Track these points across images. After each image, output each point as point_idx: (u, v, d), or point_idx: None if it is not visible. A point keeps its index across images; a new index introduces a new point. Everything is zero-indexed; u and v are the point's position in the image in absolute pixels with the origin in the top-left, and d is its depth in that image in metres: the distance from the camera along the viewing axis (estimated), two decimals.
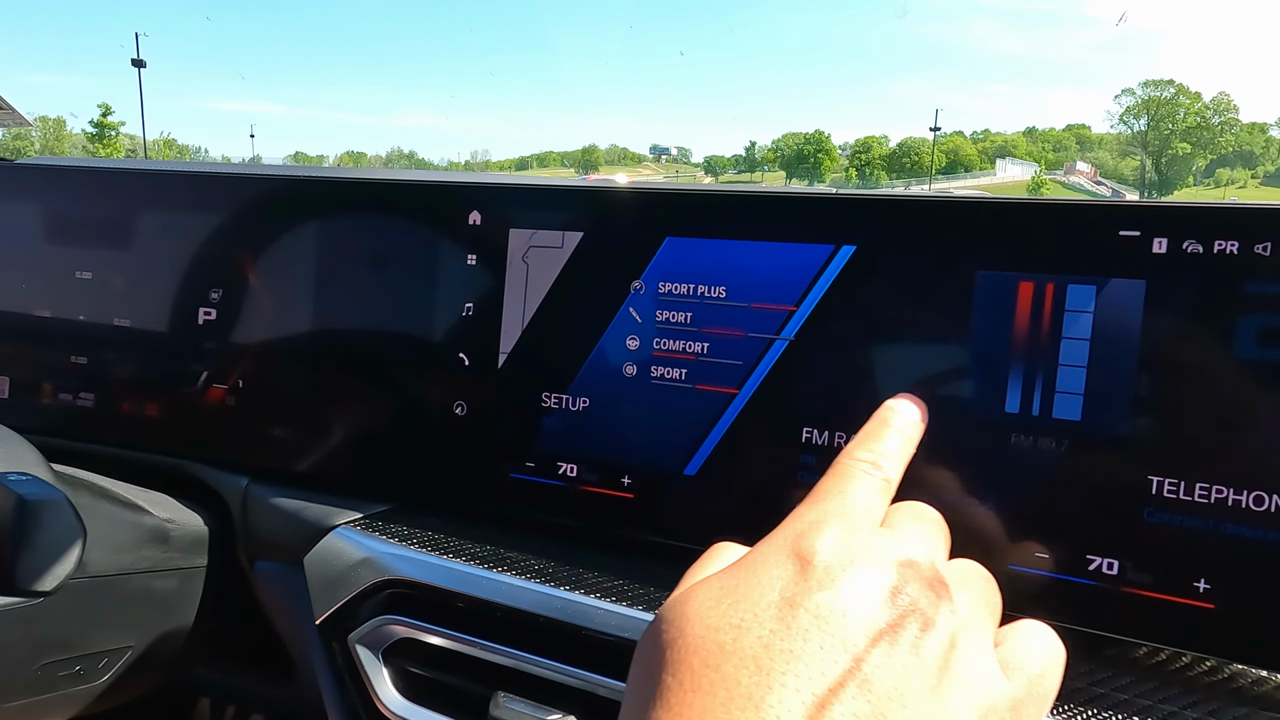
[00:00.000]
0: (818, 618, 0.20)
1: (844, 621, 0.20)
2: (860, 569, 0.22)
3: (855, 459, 0.27)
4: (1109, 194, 42.17)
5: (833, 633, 0.20)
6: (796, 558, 0.22)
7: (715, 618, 0.21)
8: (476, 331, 0.40)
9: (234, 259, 0.45)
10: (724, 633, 0.21)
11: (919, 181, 47.49)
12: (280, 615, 0.44)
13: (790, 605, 0.21)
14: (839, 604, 0.21)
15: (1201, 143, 45.71)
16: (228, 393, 0.45)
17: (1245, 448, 0.27)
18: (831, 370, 0.33)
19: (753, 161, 58.78)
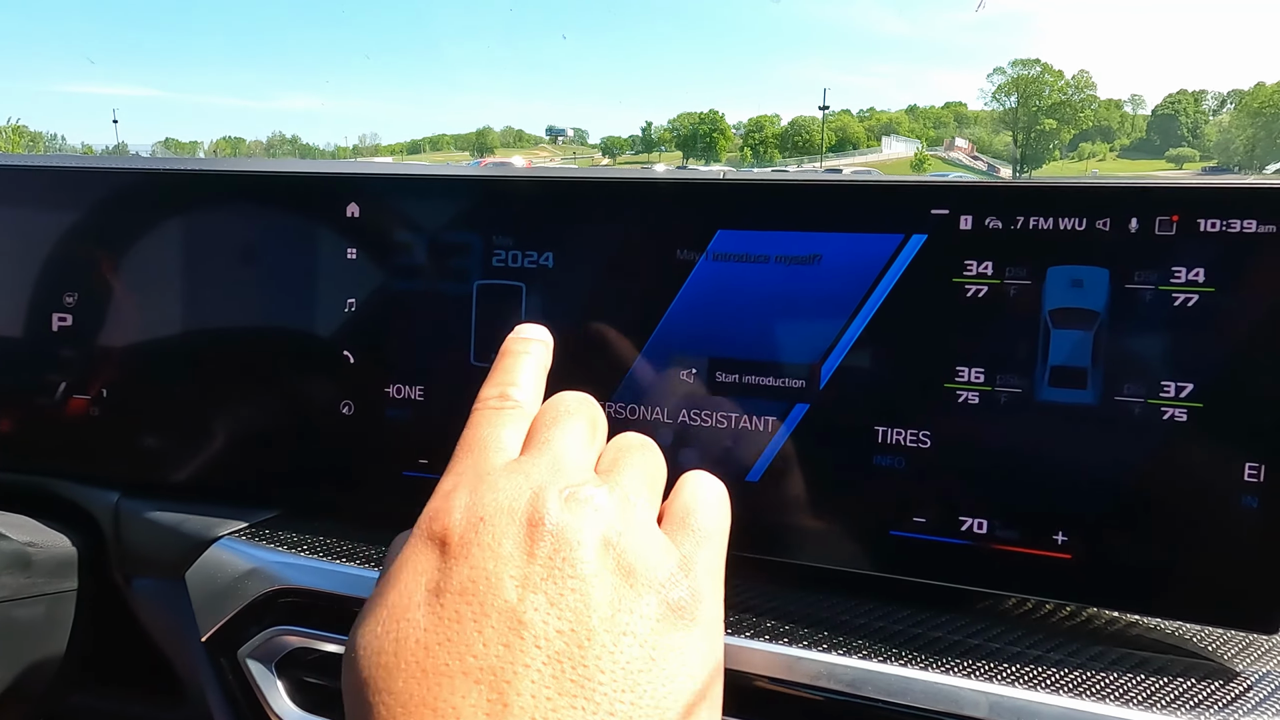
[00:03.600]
0: (463, 595, 0.20)
1: (489, 584, 0.20)
2: (492, 523, 0.21)
3: (481, 400, 0.26)
4: (985, 169, 44.56)
5: (482, 601, 0.20)
6: (434, 542, 0.22)
7: (375, 640, 0.21)
8: (361, 328, 0.38)
9: (90, 259, 0.42)
10: (385, 654, 0.20)
11: (811, 159, 48.85)
12: (163, 635, 0.42)
13: (436, 594, 0.20)
14: (479, 570, 0.20)
15: (1065, 118, 48.82)
16: (90, 403, 0.42)
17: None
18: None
19: (649, 142, 58.98)
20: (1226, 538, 0.28)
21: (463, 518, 0.22)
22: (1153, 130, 52.77)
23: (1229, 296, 0.28)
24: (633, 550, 0.22)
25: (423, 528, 0.22)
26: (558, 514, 0.21)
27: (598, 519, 0.22)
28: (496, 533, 0.21)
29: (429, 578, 0.21)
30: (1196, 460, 0.29)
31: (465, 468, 0.24)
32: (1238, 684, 0.28)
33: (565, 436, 0.25)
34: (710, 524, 0.24)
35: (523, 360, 0.28)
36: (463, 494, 0.22)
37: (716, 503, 0.25)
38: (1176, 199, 0.29)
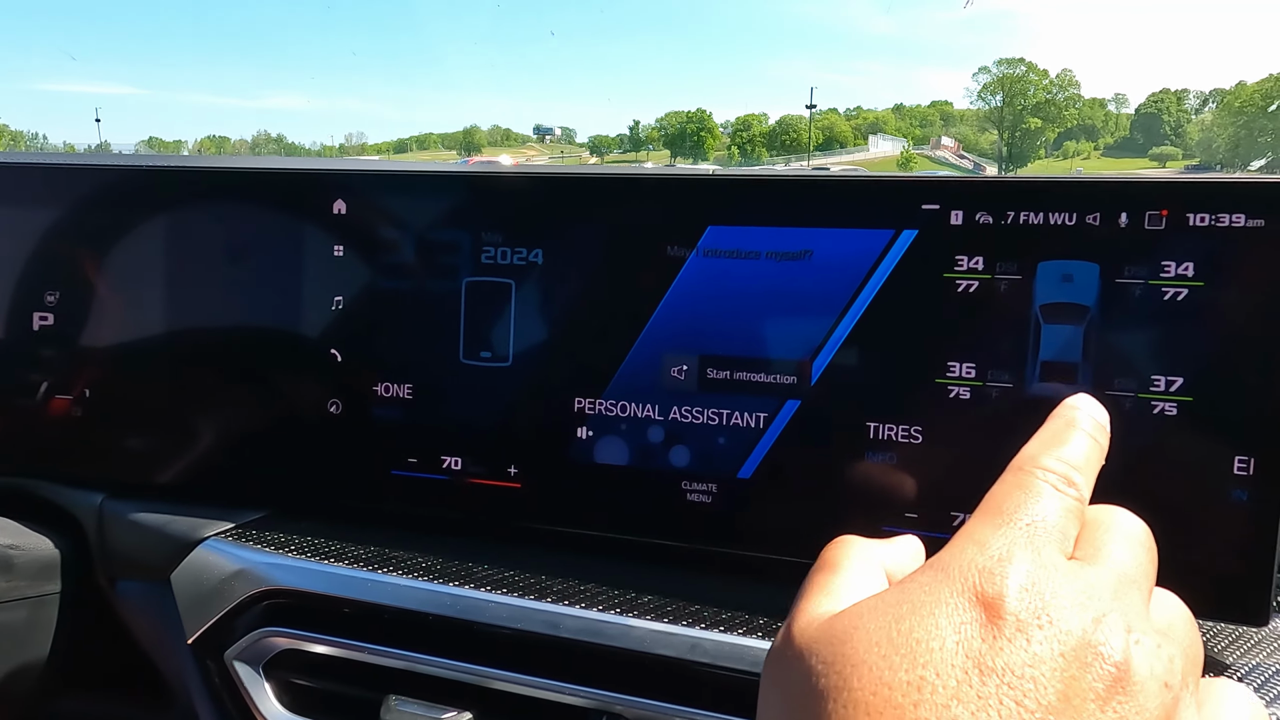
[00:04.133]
0: (1011, 688, 0.17)
1: (1042, 692, 0.17)
2: (1058, 624, 0.18)
3: (1044, 469, 0.22)
4: (971, 167, 44.82)
5: (1030, 707, 0.17)
6: (981, 604, 0.18)
7: (888, 671, 0.18)
8: (348, 326, 0.38)
9: (71, 258, 0.41)
10: (900, 693, 0.17)
11: (798, 158, 48.98)
12: (148, 637, 0.41)
13: (980, 670, 0.18)
14: (1036, 669, 0.17)
15: (1049, 117, 49.16)
16: (73, 403, 0.41)
17: None
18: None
19: (637, 141, 58.98)
20: (1217, 531, 0.28)
21: (1022, 594, 0.19)
22: (1136, 129, 53.23)
23: (1217, 291, 0.28)
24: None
25: (970, 578, 0.19)
26: (1122, 649, 0.18)
27: (1164, 694, 0.18)
28: (1061, 637, 0.18)
29: (969, 641, 0.18)
30: (1187, 454, 0.29)
31: (1019, 539, 0.20)
32: (1229, 676, 0.28)
33: (1131, 565, 0.21)
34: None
35: (1090, 443, 0.24)
36: (1023, 564, 0.19)
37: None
38: (1166, 194, 0.29)
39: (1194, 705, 0.19)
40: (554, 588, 0.34)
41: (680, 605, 0.32)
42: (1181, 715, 0.18)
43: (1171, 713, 0.18)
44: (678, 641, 0.31)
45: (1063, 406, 0.25)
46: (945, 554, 0.20)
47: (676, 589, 0.33)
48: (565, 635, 0.32)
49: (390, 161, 1.07)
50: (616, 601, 0.33)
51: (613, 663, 0.32)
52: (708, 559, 0.34)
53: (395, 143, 73.01)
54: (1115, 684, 0.18)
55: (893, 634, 0.18)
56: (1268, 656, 0.29)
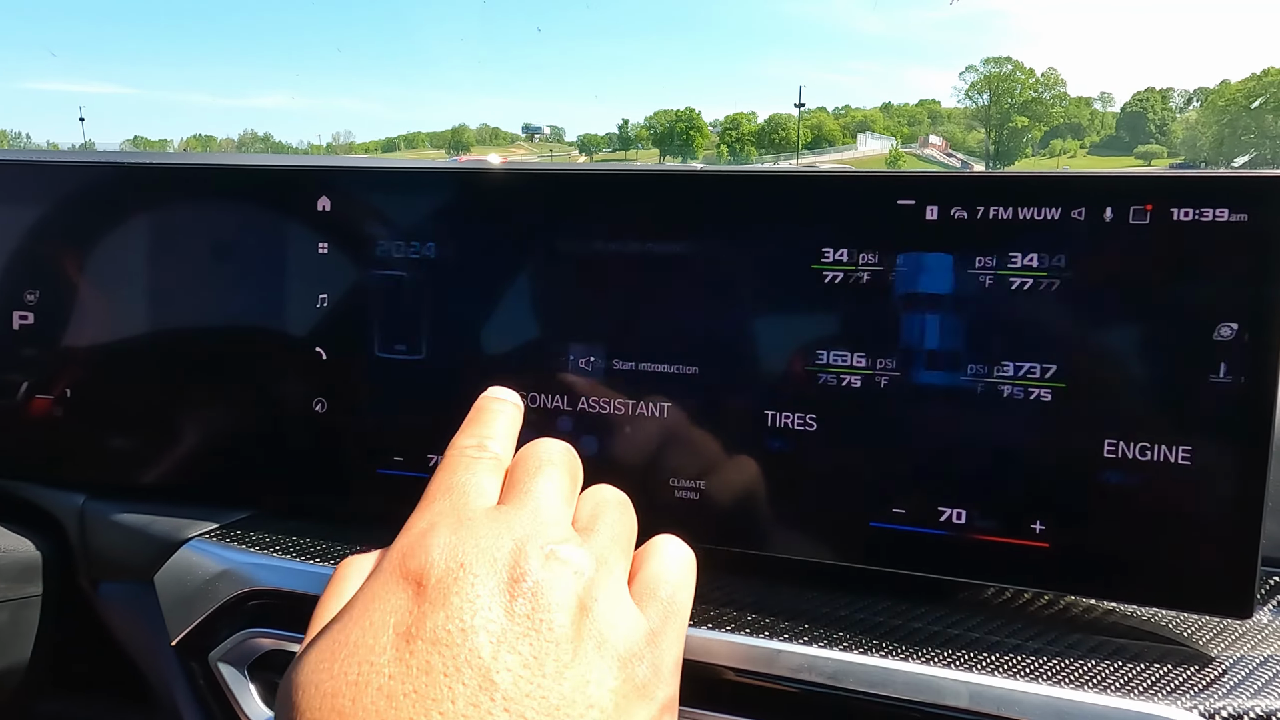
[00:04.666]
0: (436, 644, 0.19)
1: (465, 638, 0.19)
2: (472, 571, 0.20)
3: (459, 446, 0.26)
4: (959, 165, 45.02)
5: (455, 655, 0.19)
6: (408, 580, 0.20)
7: (329, 681, 0.19)
8: (333, 323, 0.38)
9: (51, 256, 0.40)
10: (341, 696, 0.19)
11: (787, 157, 49.08)
12: (132, 639, 0.41)
13: (407, 639, 0.19)
14: (456, 620, 0.19)
15: (1036, 115, 49.46)
16: (54, 403, 0.41)
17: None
18: None
19: (626, 139, 58.94)
20: (1201, 525, 0.29)
21: (442, 559, 0.21)
22: (1122, 127, 53.60)
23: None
24: (606, 618, 0.21)
25: (395, 563, 0.21)
26: (539, 572, 0.21)
27: (576, 581, 0.21)
28: (477, 583, 0.20)
29: (399, 619, 0.20)
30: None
31: (443, 509, 0.23)
32: (1213, 668, 0.28)
33: (546, 487, 0.24)
34: (680, 596, 0.24)
35: (499, 415, 0.28)
36: (442, 534, 0.21)
37: (686, 572, 0.25)
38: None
39: (619, 575, 0.23)
40: None
41: None
42: (599, 590, 0.22)
43: (587, 594, 0.21)
44: None
45: (479, 399, 0.29)
46: (385, 550, 0.22)
47: None
48: None
49: (377, 159, 1.06)
50: None
51: None
52: None
53: (383, 141, 72.74)
54: (529, 597, 0.20)
55: (335, 643, 0.20)
56: (1251, 649, 0.29)
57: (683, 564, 0.25)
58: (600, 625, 0.21)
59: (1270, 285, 0.28)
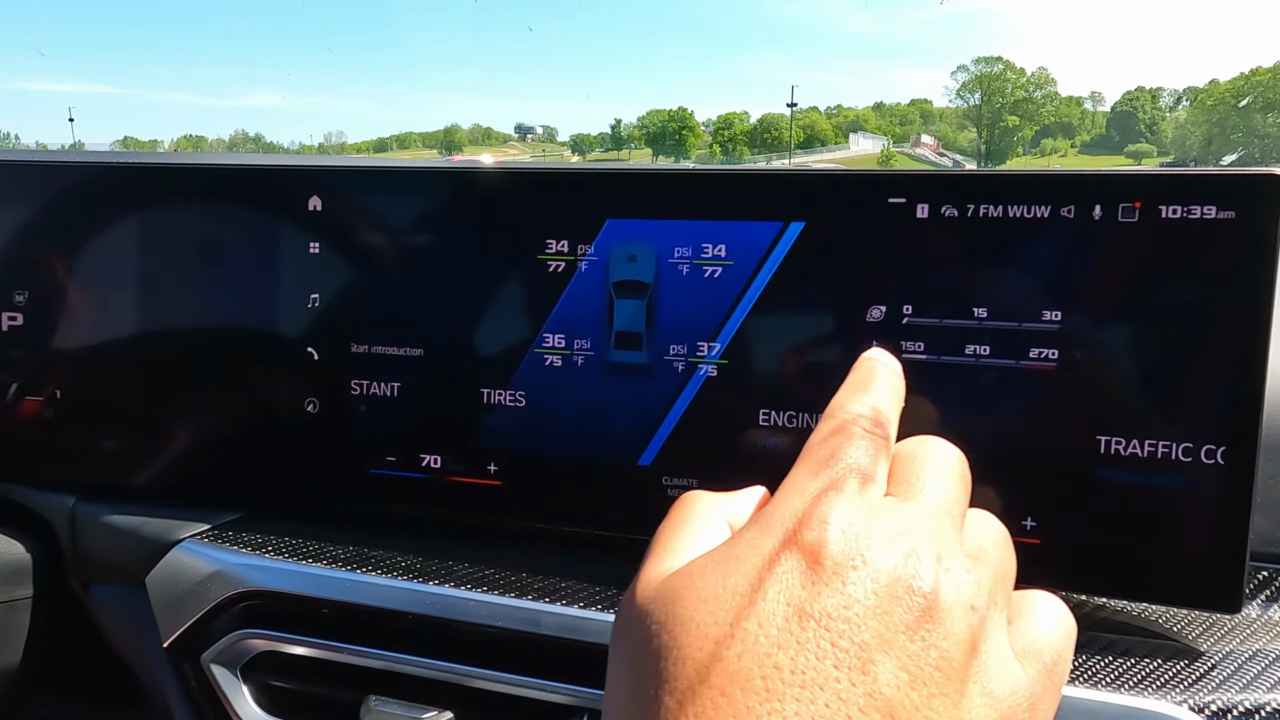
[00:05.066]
0: (829, 630, 0.18)
1: (857, 631, 0.18)
2: (873, 564, 0.19)
3: (853, 414, 0.23)
4: (951, 165, 45.18)
5: (846, 647, 0.18)
6: (802, 552, 0.19)
7: (714, 627, 0.18)
8: (325, 323, 0.38)
9: (40, 257, 0.40)
10: (725, 646, 0.18)
11: (780, 156, 49.17)
12: (123, 641, 0.41)
13: (800, 616, 0.18)
14: (851, 610, 0.18)
15: (1027, 115, 49.67)
16: (43, 405, 0.41)
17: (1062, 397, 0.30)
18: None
19: (619, 139, 58.93)
20: (1190, 521, 0.29)
21: (841, 542, 0.19)
22: (1112, 126, 53.87)
23: None
24: (993, 668, 0.19)
25: (789, 528, 0.20)
26: (934, 587, 0.19)
27: (971, 617, 0.19)
28: (875, 581, 0.19)
29: (791, 590, 0.18)
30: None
31: (839, 483, 0.21)
32: (1202, 663, 0.28)
33: (944, 494, 0.22)
34: (1062, 666, 0.21)
35: (889, 385, 0.25)
36: (842, 514, 0.20)
37: (1070, 640, 0.22)
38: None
39: (1003, 620, 0.20)
40: (534, 585, 0.34)
41: None
42: (989, 631, 0.20)
43: (979, 632, 0.19)
44: None
45: (862, 359, 0.26)
46: (770, 506, 0.21)
47: None
48: (546, 633, 0.32)
49: (369, 159, 1.06)
50: (598, 598, 0.33)
51: (594, 660, 0.31)
52: None
53: (375, 141, 72.55)
54: (924, 614, 0.18)
55: (719, 590, 0.19)
56: (1240, 643, 0.30)
57: (1067, 630, 0.22)
58: (987, 673, 0.19)
59: (1258, 281, 0.28)
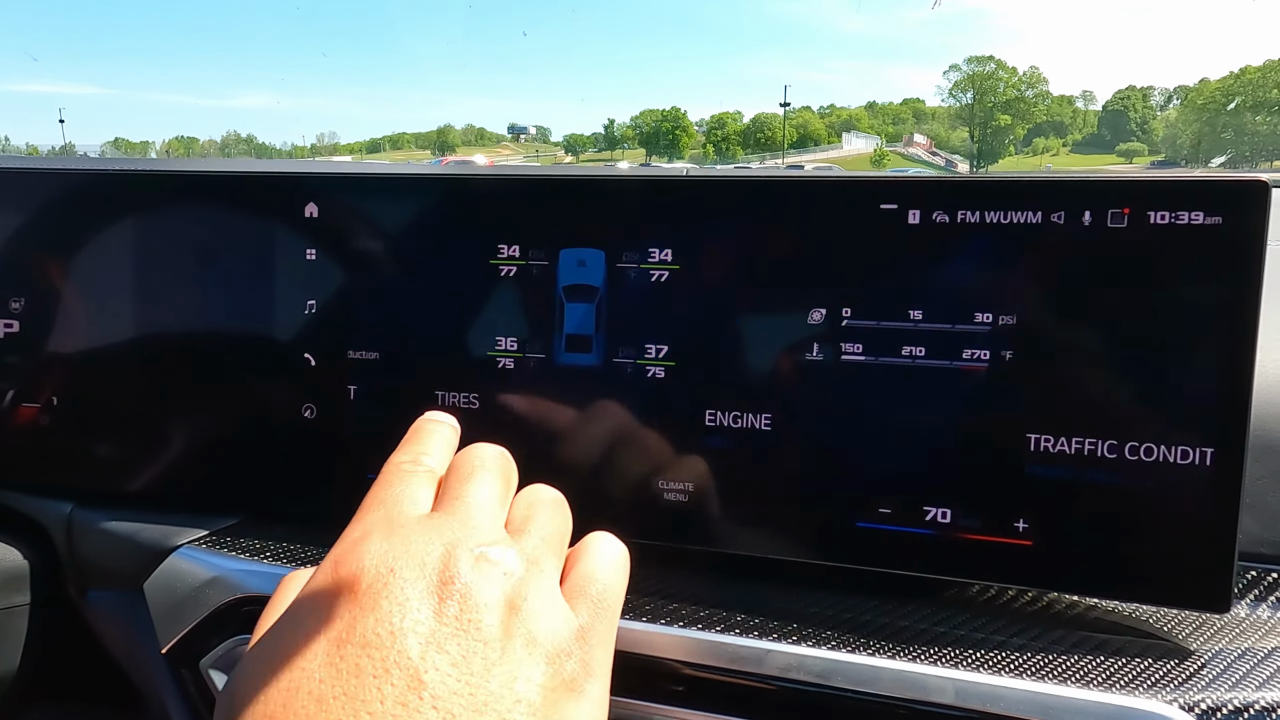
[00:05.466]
0: (366, 646, 0.20)
1: (394, 640, 0.20)
2: (402, 576, 0.21)
3: (395, 462, 0.27)
4: (944, 164, 45.31)
5: (385, 656, 0.19)
6: (341, 587, 0.21)
7: (261, 690, 0.20)
8: (322, 330, 0.38)
9: (36, 264, 0.40)
10: (272, 703, 0.19)
11: (773, 156, 49.22)
12: (121, 647, 0.41)
13: (338, 644, 0.20)
14: (385, 623, 0.20)
15: (1019, 114, 49.81)
16: (40, 411, 0.41)
17: (1049, 399, 0.30)
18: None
19: (613, 139, 58.91)
20: (1179, 523, 0.29)
21: (373, 565, 0.21)
22: (1104, 125, 54.07)
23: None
24: (534, 617, 0.22)
25: (328, 572, 0.22)
26: (468, 574, 0.21)
27: (505, 582, 0.22)
28: (406, 586, 0.21)
29: (331, 625, 0.20)
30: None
31: (377, 519, 0.24)
32: (1192, 662, 0.29)
33: (478, 491, 0.25)
34: (610, 593, 0.24)
35: (435, 434, 0.29)
36: (375, 542, 0.22)
37: (617, 570, 0.26)
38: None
39: (553, 573, 0.24)
40: None
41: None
42: (531, 589, 0.22)
43: (518, 592, 0.22)
44: (666, 643, 0.31)
45: (416, 422, 0.30)
46: (324, 560, 0.23)
47: (652, 586, 0.33)
48: None
49: (362, 164, 1.06)
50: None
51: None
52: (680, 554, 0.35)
53: (368, 142, 72.34)
54: (458, 597, 0.21)
55: (271, 652, 0.21)
56: (1230, 642, 0.30)
57: (615, 561, 0.26)
58: (529, 623, 0.22)
59: (1244, 285, 0.28)
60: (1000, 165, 47.73)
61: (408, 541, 0.22)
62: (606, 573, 0.25)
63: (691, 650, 0.30)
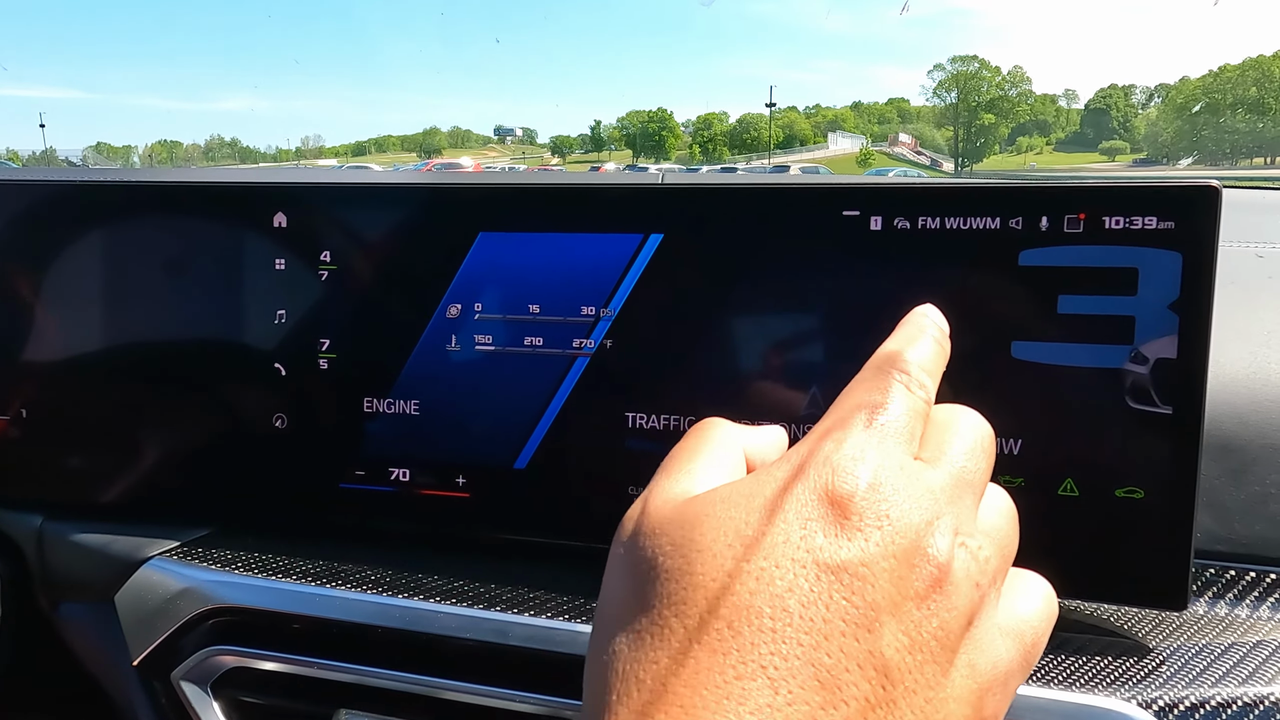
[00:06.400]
0: (843, 585, 0.18)
1: (869, 590, 0.18)
2: (896, 525, 0.19)
3: (900, 370, 0.23)
4: (929, 163, 45.55)
5: (857, 604, 0.18)
6: (829, 501, 0.19)
7: (731, 560, 0.18)
8: (292, 339, 0.38)
9: (2, 276, 0.40)
10: (739, 581, 0.18)
11: (759, 156, 49.34)
12: (93, 660, 0.41)
13: (816, 564, 0.18)
14: (868, 568, 0.18)
15: (1003, 113, 50.17)
16: (9, 424, 0.40)
17: (1000, 403, 0.31)
18: (650, 355, 0.34)
19: (599, 141, 58.89)
20: (1137, 523, 0.30)
21: (868, 494, 0.19)
22: (1086, 124, 54.53)
23: None
24: (982, 645, 0.19)
25: (821, 476, 0.19)
26: (949, 554, 0.19)
27: (974, 591, 0.19)
28: (899, 540, 0.19)
29: (812, 538, 0.18)
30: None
31: (876, 439, 0.21)
32: (1151, 660, 0.29)
33: (970, 462, 0.22)
34: (1038, 649, 0.22)
35: (935, 347, 0.25)
36: (870, 463, 0.20)
37: (1049, 622, 0.22)
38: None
39: (998, 597, 0.21)
40: (503, 596, 0.34)
41: None
42: (986, 607, 0.20)
43: (978, 608, 0.19)
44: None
45: (913, 314, 0.26)
46: (803, 446, 0.21)
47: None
48: (514, 643, 0.32)
49: (331, 172, 1.06)
50: (565, 608, 0.33)
51: (564, 670, 0.32)
52: None
53: (353, 145, 72.01)
54: (934, 584, 0.19)
55: (740, 525, 0.19)
56: (1188, 639, 0.31)
57: (1049, 614, 0.22)
58: (976, 647, 0.19)
59: (1196, 290, 0.29)
60: (985, 163, 48.06)
61: (903, 484, 0.20)
62: (1043, 623, 0.22)
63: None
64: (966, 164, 47.19)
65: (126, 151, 69.43)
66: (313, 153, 69.99)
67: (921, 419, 0.22)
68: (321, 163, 50.27)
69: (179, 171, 0.44)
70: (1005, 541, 0.22)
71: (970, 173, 41.80)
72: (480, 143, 65.97)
